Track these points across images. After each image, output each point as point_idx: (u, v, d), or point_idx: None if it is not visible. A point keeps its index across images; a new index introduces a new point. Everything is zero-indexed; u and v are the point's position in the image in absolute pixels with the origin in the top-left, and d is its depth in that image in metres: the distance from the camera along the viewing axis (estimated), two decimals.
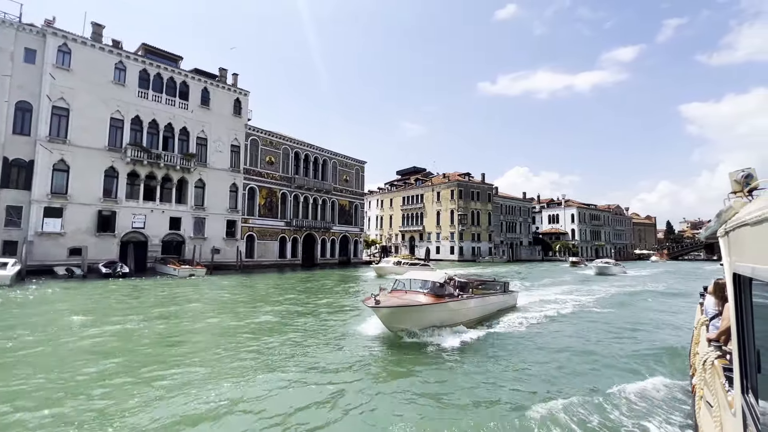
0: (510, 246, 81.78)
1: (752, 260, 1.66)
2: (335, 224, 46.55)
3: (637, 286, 25.52)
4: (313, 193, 43.76)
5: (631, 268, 51.72)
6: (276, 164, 39.97)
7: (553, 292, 20.77)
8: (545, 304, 16.39)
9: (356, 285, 24.96)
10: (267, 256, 37.99)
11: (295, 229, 41.16)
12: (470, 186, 73.70)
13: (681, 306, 16.92)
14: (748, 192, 2.28)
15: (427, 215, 77.07)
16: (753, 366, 1.86)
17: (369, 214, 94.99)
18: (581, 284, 26.29)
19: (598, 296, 19.88)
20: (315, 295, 19.15)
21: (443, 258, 71.27)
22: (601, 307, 16.19)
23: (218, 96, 35.30)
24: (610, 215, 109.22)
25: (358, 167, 50.85)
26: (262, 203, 38.34)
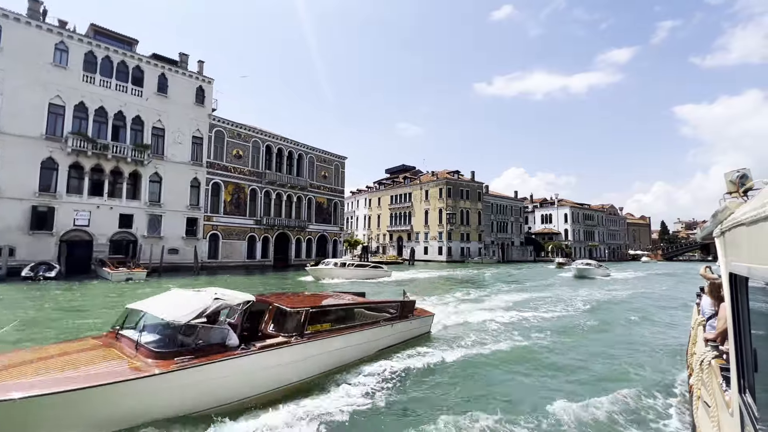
0: (501, 246, 79.43)
1: (748, 260, 1.67)
2: (312, 223, 43.89)
3: (618, 293, 21.67)
4: (287, 190, 41.08)
5: (621, 269, 49.29)
6: (244, 158, 37.27)
7: (501, 302, 16.47)
8: (470, 329, 10.88)
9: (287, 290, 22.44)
10: (233, 256, 35.27)
11: (266, 227, 38.46)
12: (459, 184, 71.28)
13: (680, 332, 10.75)
14: (744, 192, 2.25)
15: (415, 214, 74.58)
16: (750, 365, 1.86)
17: (357, 213, 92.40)
18: (546, 291, 21.89)
19: (558, 312, 14.57)
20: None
21: (431, 259, 68.80)
22: (551, 334, 10.70)
23: (178, 83, 32.56)
24: (604, 215, 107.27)
25: (338, 163, 48.24)
26: (229, 200, 35.61)
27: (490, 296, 18.68)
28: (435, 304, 14.94)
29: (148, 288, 20.01)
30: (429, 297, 17.63)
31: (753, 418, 1.77)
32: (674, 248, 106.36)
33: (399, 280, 28.82)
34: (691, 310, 8.35)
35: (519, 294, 20.12)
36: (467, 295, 18.66)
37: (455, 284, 25.77)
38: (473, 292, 20.43)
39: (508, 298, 18.14)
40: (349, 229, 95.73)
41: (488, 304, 15.79)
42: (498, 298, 18.05)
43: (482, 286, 24.60)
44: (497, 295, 19.00)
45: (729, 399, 2.37)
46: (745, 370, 1.95)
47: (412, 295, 10.92)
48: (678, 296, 21.10)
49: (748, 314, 1.86)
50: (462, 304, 15.50)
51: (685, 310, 13.71)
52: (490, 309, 14.26)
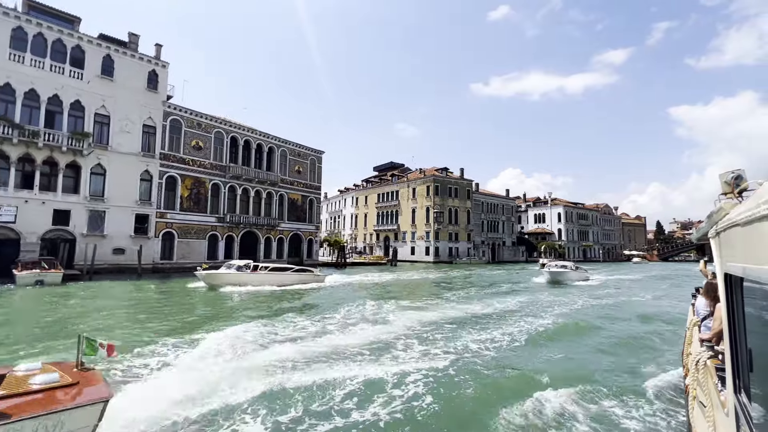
0: (491, 246, 76.79)
1: (743, 260, 1.68)
2: (284, 221, 40.97)
3: (592, 306, 16.61)
4: (255, 185, 38.12)
5: (610, 271, 46.30)
6: (205, 150, 34.30)
7: (427, 317, 12.84)
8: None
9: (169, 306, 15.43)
10: (192, 257, 32.28)
11: (231, 225, 35.50)
12: (447, 182, 68.53)
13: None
14: (738, 193, 2.27)
15: (402, 213, 71.80)
16: (745, 365, 1.87)
17: (344, 212, 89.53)
18: (503, 302, 16.88)
19: (487, 335, 10.41)
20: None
21: (419, 259, 66.00)
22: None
23: (126, 66, 29.56)
24: (599, 215, 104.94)
25: (314, 157, 45.32)
26: (186, 195, 32.63)
27: (427, 307, 15.26)
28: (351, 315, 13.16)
29: (56, 295, 17.07)
30: (348, 306, 15.11)
31: (748, 417, 1.78)
32: (670, 248, 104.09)
33: (347, 284, 25.30)
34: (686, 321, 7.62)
35: (464, 305, 15.66)
36: (406, 305, 15.78)
37: (413, 290, 22.88)
38: (421, 300, 17.54)
39: (439, 314, 13.56)
40: (336, 229, 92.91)
41: (398, 323, 11.85)
42: (434, 311, 14.36)
43: (435, 294, 20.80)
44: (435, 309, 14.89)
45: (724, 399, 2.41)
46: (740, 370, 1.95)
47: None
48: (666, 312, 15.03)
49: (743, 314, 1.87)
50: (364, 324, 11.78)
51: (673, 351, 8.96)
52: (389, 331, 10.79)
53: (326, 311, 14.09)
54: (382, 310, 14.01)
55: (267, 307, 15.14)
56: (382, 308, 14.46)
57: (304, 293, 19.91)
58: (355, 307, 14.81)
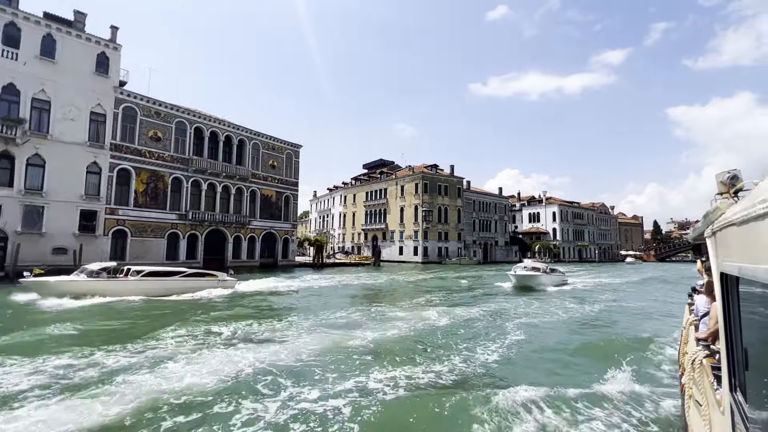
0: (484, 246, 74.32)
1: (739, 259, 1.69)
2: (256, 219, 38.34)
3: (555, 324, 12.59)
4: (223, 180, 35.49)
5: (597, 273, 43.55)
6: (165, 141, 31.65)
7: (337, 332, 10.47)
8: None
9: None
10: (148, 257, 29.59)
11: (194, 223, 32.86)
12: (437, 179, 65.98)
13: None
14: (734, 193, 2.27)
15: (390, 212, 69.24)
16: (740, 364, 1.87)
17: (333, 211, 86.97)
18: (449, 314, 13.59)
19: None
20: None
21: (407, 259, 63.47)
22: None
23: (71, 47, 26.89)
24: (595, 214, 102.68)
25: (290, 151, 42.69)
26: (142, 190, 29.97)
27: (352, 325, 11.57)
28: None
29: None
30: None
31: (743, 415, 1.79)
32: (667, 248, 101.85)
33: (305, 288, 21.97)
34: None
35: (385, 325, 11.64)
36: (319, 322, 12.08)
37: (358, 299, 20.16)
38: (355, 313, 13.62)
39: (358, 340, 9.75)
40: (325, 228, 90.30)
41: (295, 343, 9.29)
42: (357, 331, 10.88)
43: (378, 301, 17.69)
44: (358, 328, 11.24)
45: (720, 397, 2.39)
46: (735, 369, 1.96)
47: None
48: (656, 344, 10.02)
49: (739, 313, 1.87)
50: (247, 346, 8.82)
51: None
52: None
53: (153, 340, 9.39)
54: (285, 330, 10.80)
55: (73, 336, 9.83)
56: (290, 328, 11.12)
57: (189, 307, 14.94)
58: (243, 327, 11.00)
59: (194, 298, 17.39)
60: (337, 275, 32.35)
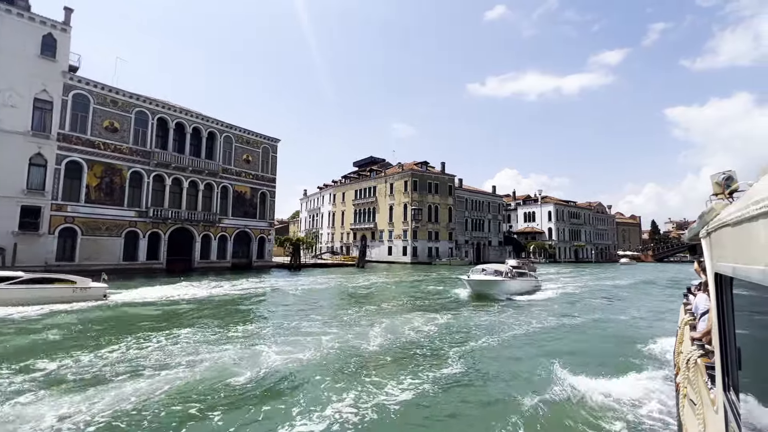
0: (476, 246, 72.03)
1: (733, 260, 1.70)
2: (228, 216, 35.98)
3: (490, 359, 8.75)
4: (190, 175, 33.11)
5: (589, 274, 41.25)
6: (123, 132, 29.26)
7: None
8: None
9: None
10: (102, 257, 27.24)
11: (156, 221, 30.48)
12: (427, 176, 63.65)
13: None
14: (729, 194, 2.26)
15: (379, 211, 66.90)
16: (734, 364, 1.87)
17: (322, 210, 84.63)
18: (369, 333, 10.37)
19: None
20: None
21: (396, 260, 61.17)
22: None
23: (11, 26, 24.51)
24: (591, 213, 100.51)
25: (267, 145, 40.31)
26: (96, 184, 27.59)
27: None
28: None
29: None
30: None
31: (736, 415, 1.80)
32: (665, 248, 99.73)
33: (244, 296, 18.10)
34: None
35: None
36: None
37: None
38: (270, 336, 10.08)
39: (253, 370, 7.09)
40: (314, 228, 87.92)
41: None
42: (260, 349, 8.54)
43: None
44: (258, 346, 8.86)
45: (714, 397, 2.41)
46: (729, 369, 1.97)
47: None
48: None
49: (733, 313, 1.87)
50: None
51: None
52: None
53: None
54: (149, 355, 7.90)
55: None
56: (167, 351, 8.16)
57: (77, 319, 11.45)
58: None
59: (28, 314, 12.01)
60: (310, 278, 30.00)
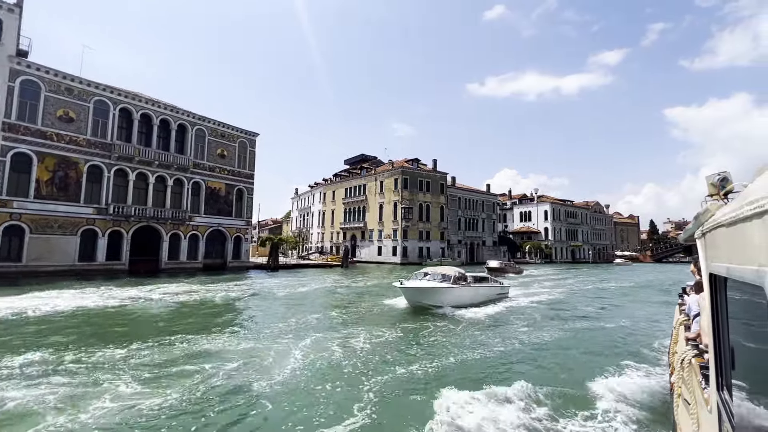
0: (470, 246, 70.01)
1: (727, 260, 1.70)
2: (200, 214, 33.87)
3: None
4: (157, 170, 31.01)
5: (576, 276, 39.05)
6: (79, 123, 27.15)
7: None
8: None
9: None
10: (54, 257, 25.16)
11: (117, 218, 28.37)
12: (418, 174, 61.59)
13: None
14: (724, 195, 2.27)
15: (369, 209, 64.82)
16: (728, 364, 1.88)
17: (313, 209, 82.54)
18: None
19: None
20: None
21: (385, 260, 59.11)
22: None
23: None
24: (589, 213, 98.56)
25: (244, 140, 38.21)
26: (47, 179, 25.48)
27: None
28: None
29: None
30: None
31: (730, 414, 1.80)
32: (664, 249, 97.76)
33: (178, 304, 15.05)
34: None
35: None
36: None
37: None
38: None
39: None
40: (305, 227, 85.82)
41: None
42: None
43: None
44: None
45: (708, 396, 2.42)
46: (723, 368, 1.97)
47: None
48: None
49: (727, 314, 1.87)
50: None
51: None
52: None
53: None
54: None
55: None
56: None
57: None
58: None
59: None
60: (281, 279, 27.90)
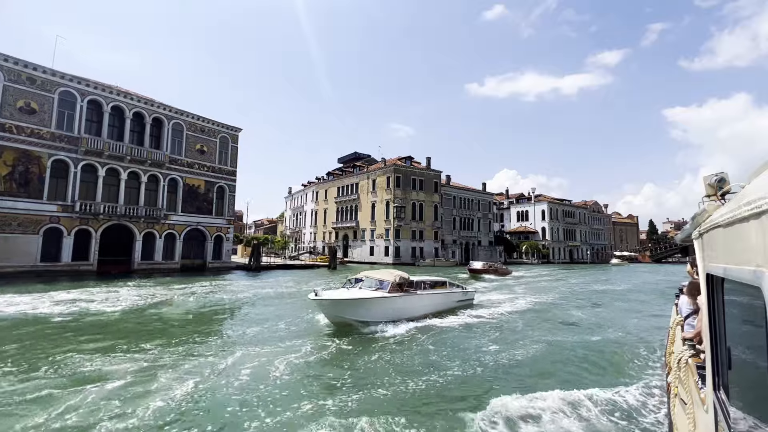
0: (465, 246, 68.46)
1: (724, 261, 1.70)
2: (177, 212, 32.31)
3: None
4: (130, 165, 29.46)
5: (565, 277, 37.41)
6: (43, 114, 25.59)
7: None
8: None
9: None
10: (13, 258, 23.61)
11: (84, 216, 26.82)
12: (411, 172, 60.05)
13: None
14: (721, 195, 2.26)
15: (361, 208, 63.28)
16: (724, 363, 1.89)
17: (306, 209, 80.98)
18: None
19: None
20: None
21: (377, 261, 57.53)
22: None
23: None
24: (587, 212, 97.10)
25: (225, 135, 36.65)
26: (5, 174, 23.91)
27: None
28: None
29: None
30: None
31: (726, 413, 1.80)
32: (663, 249, 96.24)
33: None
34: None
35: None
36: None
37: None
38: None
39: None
40: (298, 227, 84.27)
41: None
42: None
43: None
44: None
45: (704, 396, 2.42)
46: (719, 368, 1.98)
47: None
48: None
49: (724, 314, 1.88)
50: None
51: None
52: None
53: None
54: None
55: None
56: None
57: None
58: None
59: None
60: (256, 281, 26.38)
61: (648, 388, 6.49)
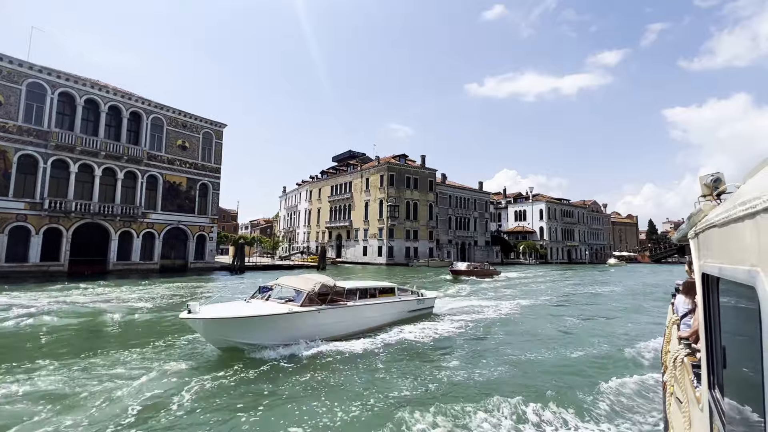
0: (461, 246, 67.17)
1: (719, 260, 1.72)
2: (156, 210, 31.00)
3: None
4: (105, 161, 28.16)
5: (553, 279, 35.59)
6: (9, 107, 24.28)
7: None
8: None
9: None
10: None
11: (54, 214, 25.52)
12: (405, 171, 58.75)
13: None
14: (717, 195, 2.27)
15: (355, 208, 61.97)
16: (719, 362, 1.90)
17: (300, 208, 79.69)
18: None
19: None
20: None
21: (371, 261, 56.29)
22: None
23: None
24: (586, 212, 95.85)
25: (209, 131, 35.33)
26: None
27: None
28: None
29: None
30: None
31: (721, 412, 1.82)
32: (663, 249, 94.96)
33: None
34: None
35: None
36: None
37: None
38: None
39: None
40: (292, 226, 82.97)
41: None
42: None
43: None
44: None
45: (699, 395, 2.43)
46: (714, 367, 1.99)
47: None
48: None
49: (719, 313, 1.89)
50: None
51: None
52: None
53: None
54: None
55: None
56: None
57: None
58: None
59: None
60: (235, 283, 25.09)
61: (644, 387, 6.56)
